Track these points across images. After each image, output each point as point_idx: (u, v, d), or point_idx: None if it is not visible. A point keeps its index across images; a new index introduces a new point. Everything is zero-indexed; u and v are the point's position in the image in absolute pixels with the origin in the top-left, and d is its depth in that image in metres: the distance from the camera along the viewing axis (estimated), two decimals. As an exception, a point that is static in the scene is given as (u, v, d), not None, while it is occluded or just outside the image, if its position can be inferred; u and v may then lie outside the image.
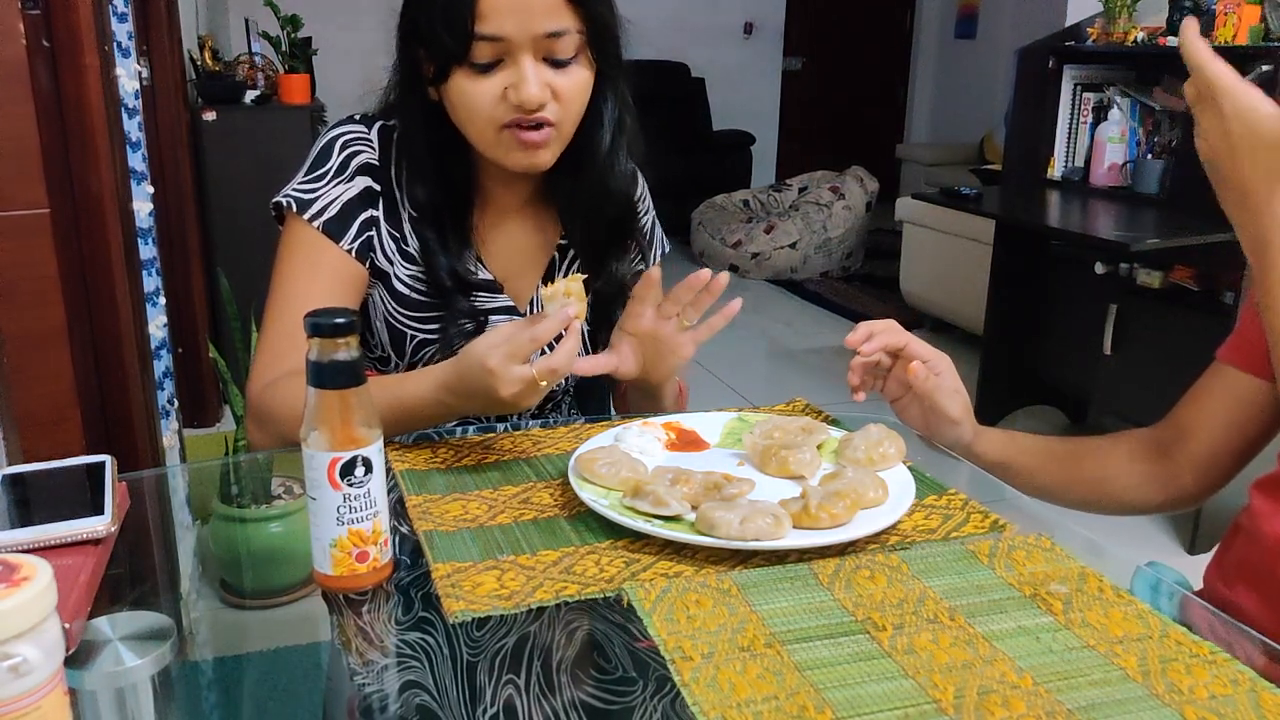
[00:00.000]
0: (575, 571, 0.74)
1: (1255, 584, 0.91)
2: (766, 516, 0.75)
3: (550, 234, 1.20)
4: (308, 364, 0.70)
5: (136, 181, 2.21)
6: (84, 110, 1.57)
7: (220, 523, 0.99)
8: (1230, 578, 0.95)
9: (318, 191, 1.08)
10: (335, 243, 1.08)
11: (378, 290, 1.13)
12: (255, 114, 3.29)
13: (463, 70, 1.00)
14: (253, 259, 3.13)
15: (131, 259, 1.81)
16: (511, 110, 1.01)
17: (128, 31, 2.19)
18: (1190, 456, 1.05)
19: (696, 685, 0.59)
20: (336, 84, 4.87)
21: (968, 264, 3.79)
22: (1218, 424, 1.03)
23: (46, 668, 0.45)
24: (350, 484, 0.71)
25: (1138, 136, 3.24)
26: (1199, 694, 0.59)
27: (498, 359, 0.86)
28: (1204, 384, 1.06)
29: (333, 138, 1.12)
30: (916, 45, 7.56)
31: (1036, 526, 0.81)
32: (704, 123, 6.59)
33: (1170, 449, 1.06)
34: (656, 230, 1.29)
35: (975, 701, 0.58)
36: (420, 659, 0.65)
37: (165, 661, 0.63)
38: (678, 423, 0.99)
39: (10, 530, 0.71)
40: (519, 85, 0.99)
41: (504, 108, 1.01)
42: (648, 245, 1.26)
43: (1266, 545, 0.90)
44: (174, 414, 2.38)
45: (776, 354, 4.35)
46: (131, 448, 1.72)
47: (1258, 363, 0.99)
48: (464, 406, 0.93)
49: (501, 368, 0.86)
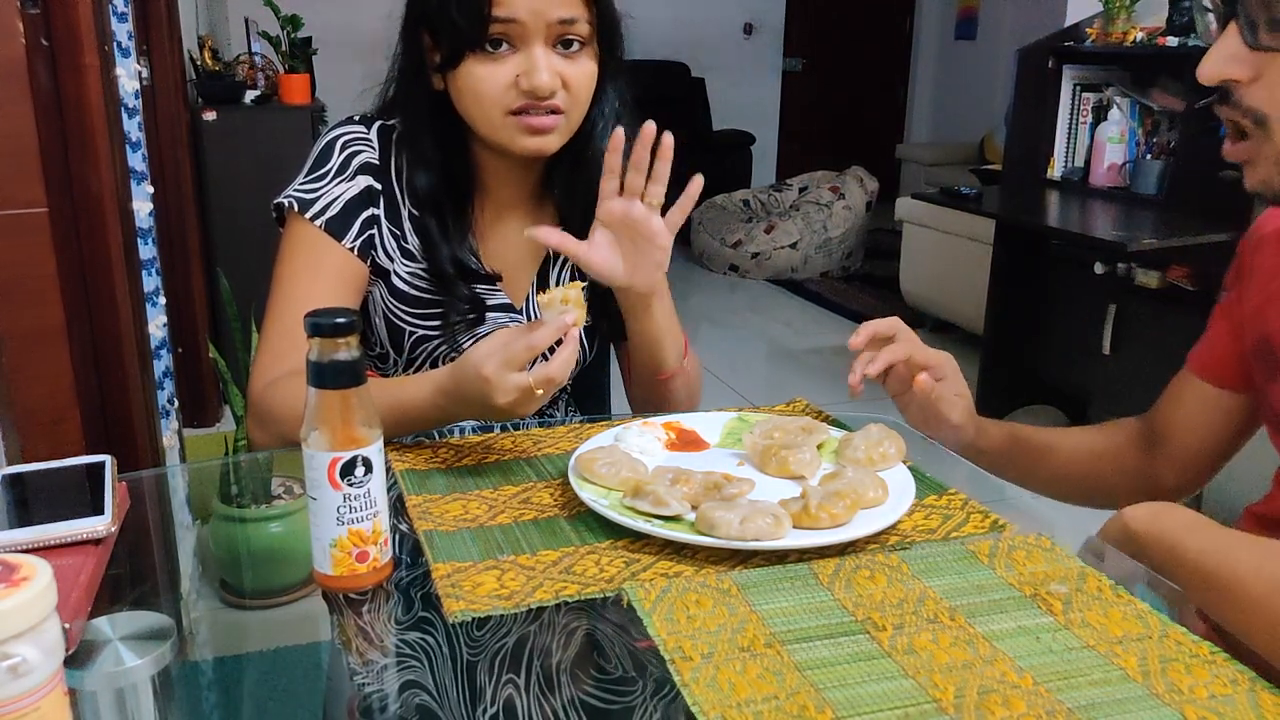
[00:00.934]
0: (575, 571, 0.74)
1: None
2: (766, 516, 0.75)
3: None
4: (308, 364, 0.70)
5: (136, 181, 2.21)
6: (84, 110, 1.56)
7: (220, 523, 0.99)
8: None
9: (319, 191, 1.09)
10: (337, 241, 1.08)
11: (378, 287, 1.13)
12: (255, 114, 3.29)
13: (474, 55, 1.01)
14: (253, 259, 3.13)
15: (131, 259, 1.81)
16: (521, 97, 1.01)
17: (128, 31, 2.19)
18: (1169, 455, 1.05)
19: (696, 685, 0.59)
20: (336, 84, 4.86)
21: (968, 264, 3.79)
22: (1193, 428, 1.04)
23: (46, 668, 0.45)
24: (350, 484, 0.71)
25: (1137, 137, 3.24)
26: (1199, 694, 0.59)
27: (493, 366, 0.86)
28: (1176, 389, 1.06)
29: (333, 138, 1.12)
30: (916, 45, 7.56)
31: (1036, 526, 0.81)
32: (704, 123, 6.59)
33: (1152, 445, 1.07)
34: None
35: (975, 701, 0.58)
36: (420, 659, 0.65)
37: (165, 661, 0.63)
38: (678, 423, 0.99)
39: (10, 530, 0.71)
40: (531, 72, 1.00)
41: (514, 94, 1.02)
42: None
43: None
44: (174, 414, 2.38)
45: (776, 354, 4.35)
46: (131, 448, 1.72)
47: (1225, 375, 1.00)
48: (461, 412, 0.93)
49: (497, 375, 0.86)
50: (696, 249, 5.60)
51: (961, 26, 7.08)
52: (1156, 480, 1.06)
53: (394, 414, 0.93)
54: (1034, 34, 3.62)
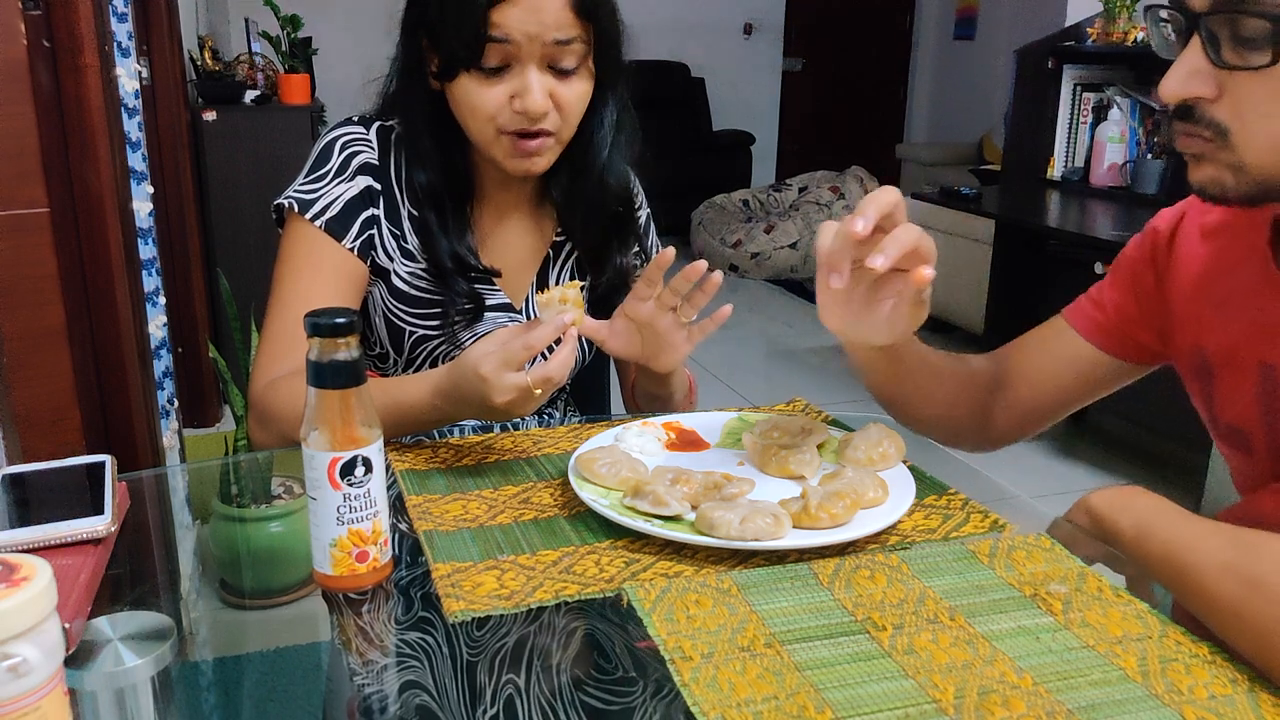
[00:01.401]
0: (575, 571, 0.74)
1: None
2: (766, 516, 0.75)
3: (546, 232, 1.20)
4: (308, 364, 0.70)
5: (136, 181, 2.21)
6: (84, 110, 1.56)
7: (220, 523, 0.99)
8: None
9: (319, 191, 1.09)
10: (337, 241, 1.08)
11: (377, 287, 1.13)
12: (255, 114, 3.29)
13: (469, 74, 1.01)
14: (253, 259, 3.15)
15: (131, 259, 1.81)
16: (514, 118, 1.02)
17: (128, 31, 2.19)
18: (1008, 402, 1.06)
19: (696, 685, 0.59)
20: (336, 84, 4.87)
21: (968, 264, 3.79)
22: (1045, 378, 1.05)
23: (46, 668, 0.45)
24: (350, 484, 0.71)
25: (1137, 136, 3.24)
26: (1199, 694, 0.59)
27: (491, 366, 0.86)
28: (1040, 336, 1.07)
29: (332, 139, 1.12)
30: (916, 45, 7.56)
31: (1036, 526, 0.81)
32: (704, 123, 6.59)
33: (994, 389, 1.07)
34: (652, 231, 1.29)
35: (975, 701, 0.58)
36: (420, 659, 0.65)
37: (165, 661, 0.63)
38: (678, 423, 0.99)
39: (10, 530, 0.71)
40: (524, 95, 1.00)
41: (506, 114, 1.02)
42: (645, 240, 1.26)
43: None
44: (174, 414, 2.38)
45: (776, 354, 4.35)
46: (131, 448, 1.72)
47: (1102, 335, 1.02)
48: (459, 412, 0.93)
49: (495, 375, 0.86)
50: (696, 249, 5.60)
51: (961, 26, 7.07)
52: (987, 423, 1.07)
53: (392, 415, 0.93)
54: (1034, 34, 3.62)
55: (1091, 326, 1.04)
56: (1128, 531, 0.76)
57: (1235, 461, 0.95)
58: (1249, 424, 0.89)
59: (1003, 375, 1.07)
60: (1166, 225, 0.99)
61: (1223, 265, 0.93)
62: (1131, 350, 1.02)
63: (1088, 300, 1.05)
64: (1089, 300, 1.05)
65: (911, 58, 7.60)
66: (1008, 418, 1.07)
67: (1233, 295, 0.91)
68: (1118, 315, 1.02)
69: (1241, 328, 0.89)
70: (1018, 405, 1.06)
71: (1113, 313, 1.02)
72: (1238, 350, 0.89)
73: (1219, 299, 0.92)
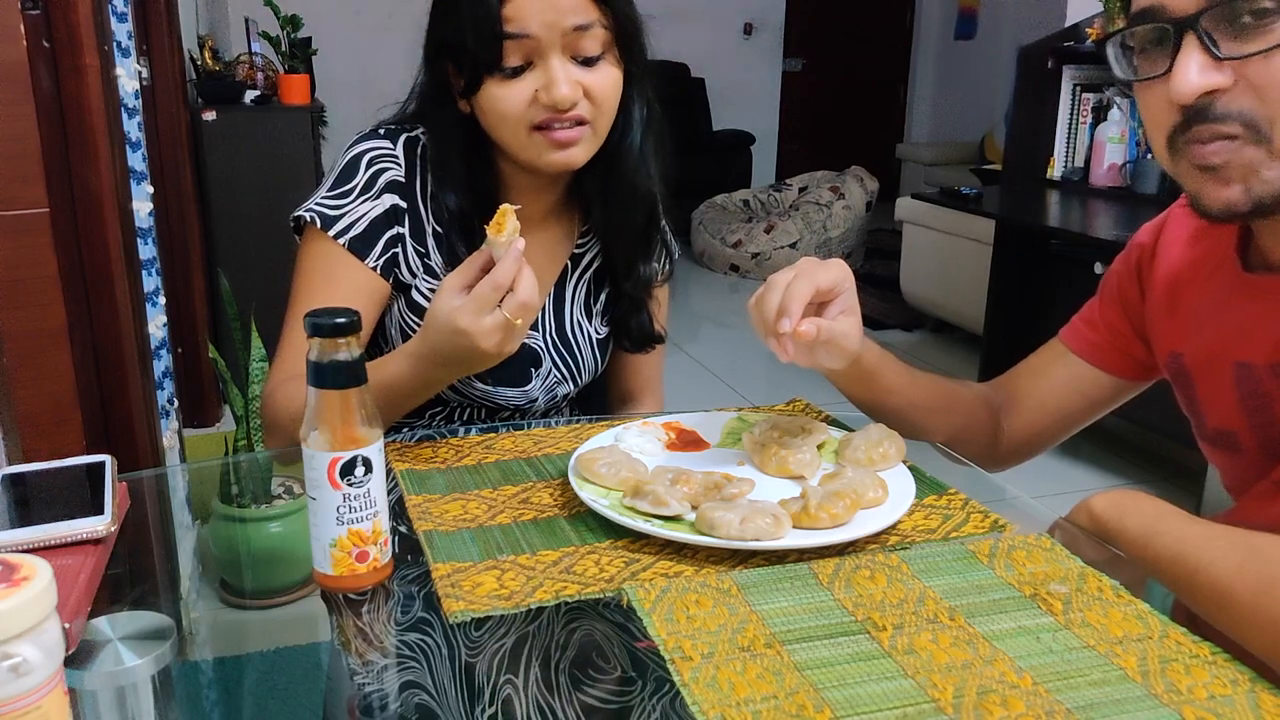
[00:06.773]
0: (575, 571, 0.74)
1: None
2: (766, 516, 0.75)
3: (566, 244, 1.20)
4: (308, 364, 0.70)
5: (136, 181, 2.21)
6: (84, 110, 1.57)
7: (220, 523, 0.99)
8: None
9: (344, 208, 1.07)
10: (360, 260, 1.07)
11: (397, 301, 1.12)
12: (255, 114, 3.29)
13: (493, 78, 1.00)
14: (253, 259, 3.15)
15: (131, 259, 1.81)
16: (543, 111, 1.01)
17: (128, 31, 2.19)
18: (1012, 426, 1.07)
19: (696, 685, 0.59)
20: (336, 84, 4.87)
21: (968, 264, 3.79)
22: (1047, 403, 1.06)
23: (46, 668, 0.45)
24: (350, 484, 0.71)
25: (1137, 137, 3.24)
26: (1198, 694, 0.59)
27: (467, 317, 0.85)
28: (1040, 360, 1.08)
29: (359, 153, 1.10)
30: (916, 45, 7.56)
31: (1036, 526, 0.81)
32: (704, 123, 6.59)
33: (997, 412, 1.08)
34: (668, 234, 1.28)
35: (975, 701, 0.58)
36: (420, 659, 0.65)
37: (165, 661, 0.63)
38: (678, 423, 0.99)
39: (10, 530, 0.71)
40: (549, 86, 0.99)
41: (535, 109, 1.01)
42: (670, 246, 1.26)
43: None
44: (174, 414, 2.38)
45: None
46: (131, 448, 1.73)
47: (1098, 354, 1.03)
48: (445, 375, 0.93)
49: (474, 323, 0.85)
50: (696, 249, 5.60)
51: (961, 26, 7.08)
52: (993, 448, 1.08)
53: (383, 394, 0.92)
54: (1034, 34, 3.63)
55: (1087, 346, 1.05)
56: (1134, 533, 0.76)
57: (1224, 464, 0.95)
58: (1234, 424, 0.89)
59: (1006, 401, 1.08)
60: (1149, 238, 1.00)
61: (1197, 273, 0.94)
62: (1128, 366, 1.03)
63: (1081, 321, 1.06)
64: (1082, 321, 1.06)
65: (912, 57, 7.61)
66: (1013, 442, 1.08)
67: (1205, 301, 0.92)
68: (1110, 333, 1.03)
69: (1214, 331, 0.90)
70: (1023, 430, 1.07)
71: (1105, 331, 1.04)
72: (1213, 354, 0.90)
73: (1193, 306, 0.93)
